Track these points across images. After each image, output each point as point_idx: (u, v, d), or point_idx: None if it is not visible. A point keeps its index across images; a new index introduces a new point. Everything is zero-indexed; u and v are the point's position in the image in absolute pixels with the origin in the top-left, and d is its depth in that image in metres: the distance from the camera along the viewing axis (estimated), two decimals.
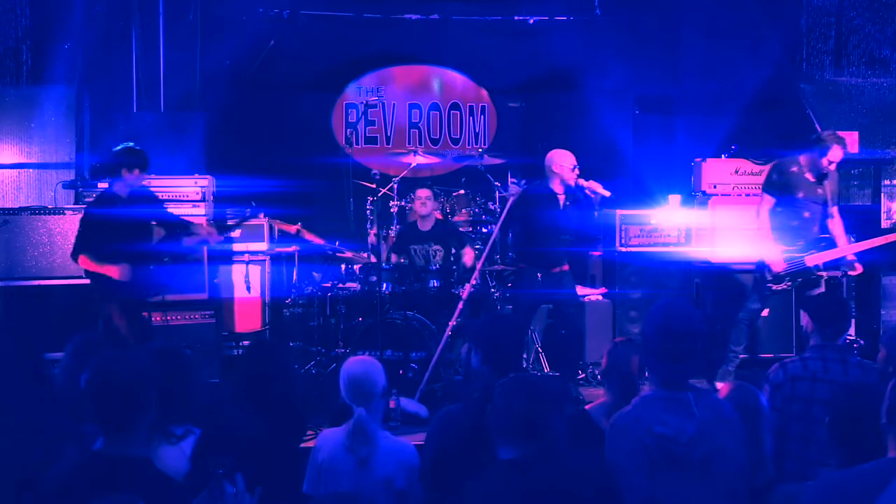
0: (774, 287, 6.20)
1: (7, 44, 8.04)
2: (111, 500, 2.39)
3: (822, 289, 6.19)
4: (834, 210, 6.27)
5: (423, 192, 7.11)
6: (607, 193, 6.28)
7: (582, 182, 6.28)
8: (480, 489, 2.72)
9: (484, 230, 7.31)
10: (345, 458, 3.42)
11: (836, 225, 6.27)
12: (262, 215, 7.26)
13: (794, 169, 6.21)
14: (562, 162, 6.30)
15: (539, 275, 6.36)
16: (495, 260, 7.14)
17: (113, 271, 5.68)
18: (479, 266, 6.33)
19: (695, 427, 2.91)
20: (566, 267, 6.46)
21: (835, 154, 6.06)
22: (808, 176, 6.20)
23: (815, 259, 6.12)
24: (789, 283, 6.21)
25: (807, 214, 6.21)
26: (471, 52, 9.27)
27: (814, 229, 6.22)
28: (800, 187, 6.19)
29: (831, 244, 6.18)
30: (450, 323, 5.99)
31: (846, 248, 6.17)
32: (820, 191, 6.19)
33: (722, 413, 3.03)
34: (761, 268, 6.25)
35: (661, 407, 2.96)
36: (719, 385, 5.51)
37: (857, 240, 6.36)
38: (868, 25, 8.72)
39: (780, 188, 6.23)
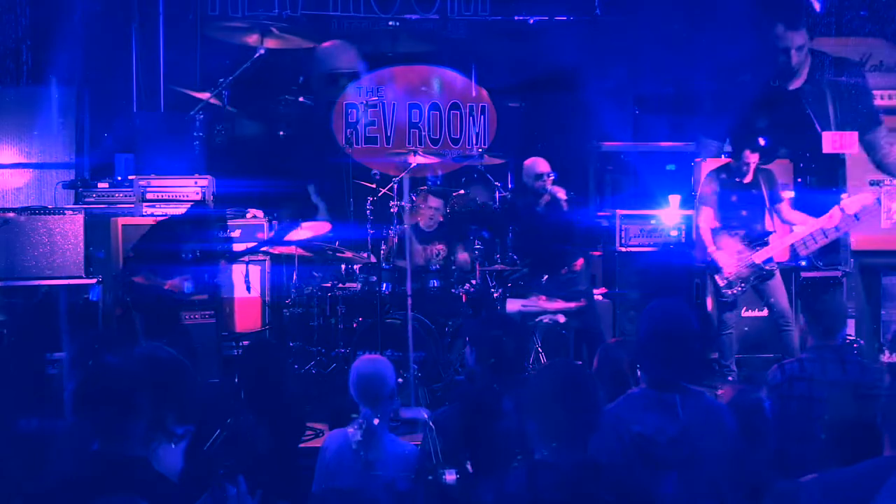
0: (729, 293, 6.29)
1: (7, 44, 8.03)
2: (112, 500, 2.39)
3: (779, 281, 6.32)
4: (781, 205, 6.43)
5: (434, 202, 7.13)
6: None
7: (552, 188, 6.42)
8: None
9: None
10: (350, 458, 3.44)
11: (792, 215, 6.42)
12: (260, 213, 7.27)
13: (724, 175, 6.49)
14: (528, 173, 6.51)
15: (545, 277, 6.39)
16: (495, 260, 7.14)
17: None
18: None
19: (677, 429, 2.90)
20: (577, 267, 6.50)
21: (749, 157, 6.31)
22: (738, 179, 6.41)
23: (762, 255, 6.22)
24: (743, 286, 6.33)
25: (744, 213, 6.41)
26: (471, 52, 9.26)
27: (756, 227, 6.41)
28: (732, 190, 6.41)
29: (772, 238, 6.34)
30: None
31: (788, 237, 6.32)
32: (755, 191, 6.39)
33: (712, 416, 3.01)
34: (712, 277, 6.43)
35: (643, 406, 2.96)
36: (721, 391, 5.54)
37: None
38: (868, 25, 8.70)
39: (713, 197, 6.47)
